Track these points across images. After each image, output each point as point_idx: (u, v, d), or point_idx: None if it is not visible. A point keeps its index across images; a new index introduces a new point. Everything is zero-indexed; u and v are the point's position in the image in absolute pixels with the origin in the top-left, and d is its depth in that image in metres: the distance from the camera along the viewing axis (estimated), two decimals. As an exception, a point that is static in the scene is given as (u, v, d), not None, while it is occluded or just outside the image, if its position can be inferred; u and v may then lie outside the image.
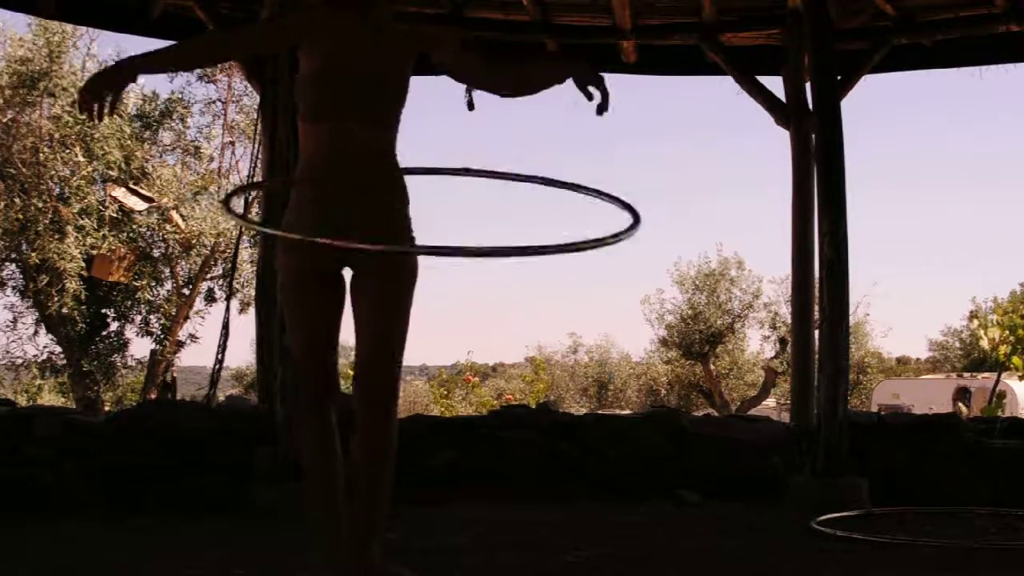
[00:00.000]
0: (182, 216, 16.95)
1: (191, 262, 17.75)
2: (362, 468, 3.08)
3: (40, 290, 16.53)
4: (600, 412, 12.70)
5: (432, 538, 4.53)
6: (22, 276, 17.06)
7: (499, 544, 4.53)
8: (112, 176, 16.88)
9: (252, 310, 7.14)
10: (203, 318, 18.31)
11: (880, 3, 6.98)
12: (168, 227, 17.00)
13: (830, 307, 5.72)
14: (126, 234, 16.91)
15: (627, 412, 15.61)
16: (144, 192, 16.58)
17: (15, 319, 17.52)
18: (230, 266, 15.78)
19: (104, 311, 17.75)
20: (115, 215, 16.75)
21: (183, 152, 18.18)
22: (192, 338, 18.10)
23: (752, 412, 18.47)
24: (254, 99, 12.30)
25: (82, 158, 16.48)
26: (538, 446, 6.18)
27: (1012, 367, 9.43)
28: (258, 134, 6.36)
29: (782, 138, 7.16)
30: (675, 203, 74.84)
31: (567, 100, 3.19)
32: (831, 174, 5.80)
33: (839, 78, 6.46)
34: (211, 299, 18.41)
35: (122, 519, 5.15)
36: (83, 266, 16.36)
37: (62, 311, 16.53)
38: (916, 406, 16.03)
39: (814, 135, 6.17)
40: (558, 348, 30.06)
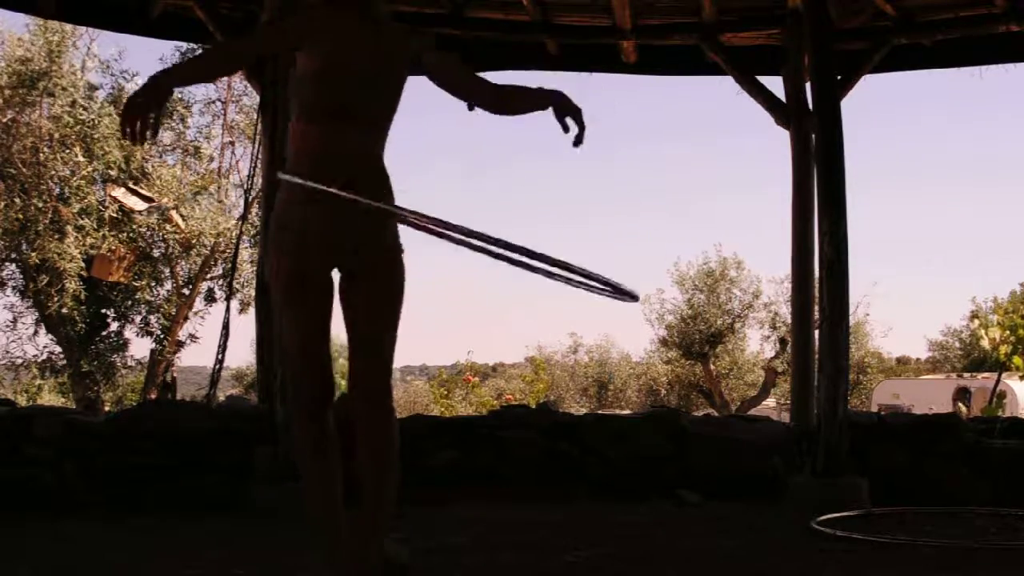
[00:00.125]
0: (182, 216, 16.95)
1: (191, 262, 17.75)
2: (368, 469, 3.09)
3: (40, 290, 16.53)
4: (600, 412, 12.70)
5: (432, 538, 4.53)
6: (22, 276, 17.06)
7: (499, 544, 4.53)
8: (112, 176, 16.87)
9: (252, 310, 7.13)
10: (203, 318, 18.35)
11: (880, 3, 6.98)
12: (168, 227, 17.00)
13: (830, 307, 5.72)
14: (126, 234, 16.91)
15: (627, 412, 15.61)
16: (144, 192, 16.57)
17: (15, 319, 17.55)
18: (230, 266, 15.80)
19: (104, 311, 17.75)
20: (115, 215, 16.75)
21: (183, 152, 18.18)
22: (192, 338, 18.14)
23: (752, 412, 18.47)
24: (254, 99, 12.31)
25: (82, 158, 16.48)
26: (538, 446, 6.18)
27: (1013, 367, 9.41)
28: (258, 134, 6.36)
29: (782, 138, 7.17)
30: (675, 203, 74.97)
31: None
32: (831, 174, 5.80)
33: (839, 78, 6.45)
34: (211, 299, 18.42)
35: (122, 519, 5.15)
36: (83, 266, 16.36)
37: (62, 311, 16.53)
38: (916, 406, 16.01)
39: (814, 135, 6.16)
40: (558, 348, 30.07)
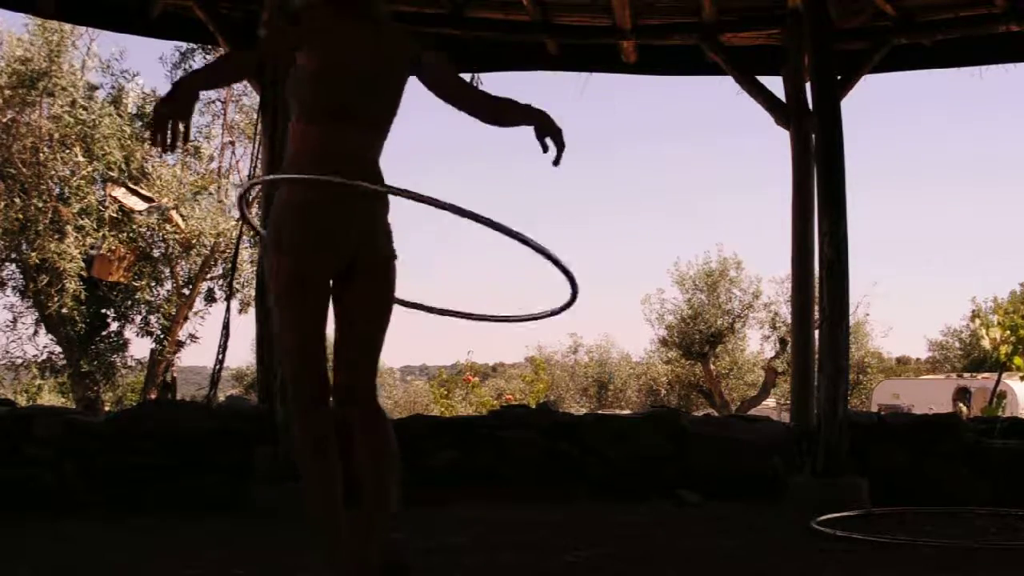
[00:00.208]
0: (182, 216, 16.94)
1: (191, 262, 17.74)
2: (368, 469, 3.09)
3: (40, 290, 16.52)
4: (600, 412, 12.69)
5: (432, 538, 4.53)
6: (22, 276, 17.05)
7: (499, 544, 4.54)
8: (112, 176, 16.87)
9: (252, 310, 7.13)
10: (203, 318, 18.33)
11: (880, 3, 6.98)
12: (168, 227, 16.99)
13: (830, 307, 5.72)
14: (126, 234, 16.90)
15: (627, 412, 15.60)
16: (144, 192, 16.56)
17: (15, 319, 17.54)
18: (230, 266, 15.80)
19: (104, 311, 17.73)
20: (115, 215, 16.74)
21: (183, 152, 18.16)
22: (192, 338, 18.12)
23: (752, 412, 18.47)
24: (254, 99, 12.31)
25: (82, 158, 16.47)
26: (538, 446, 6.18)
27: (1014, 367, 9.42)
28: (258, 134, 6.36)
29: (782, 138, 7.17)
30: (675, 203, 74.99)
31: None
32: (831, 174, 5.80)
33: (839, 78, 6.46)
34: (211, 299, 18.41)
35: (122, 519, 5.15)
36: (83, 266, 16.35)
37: (62, 311, 16.52)
38: (916, 406, 16.01)
39: (814, 135, 6.17)
40: (558, 348, 30.09)
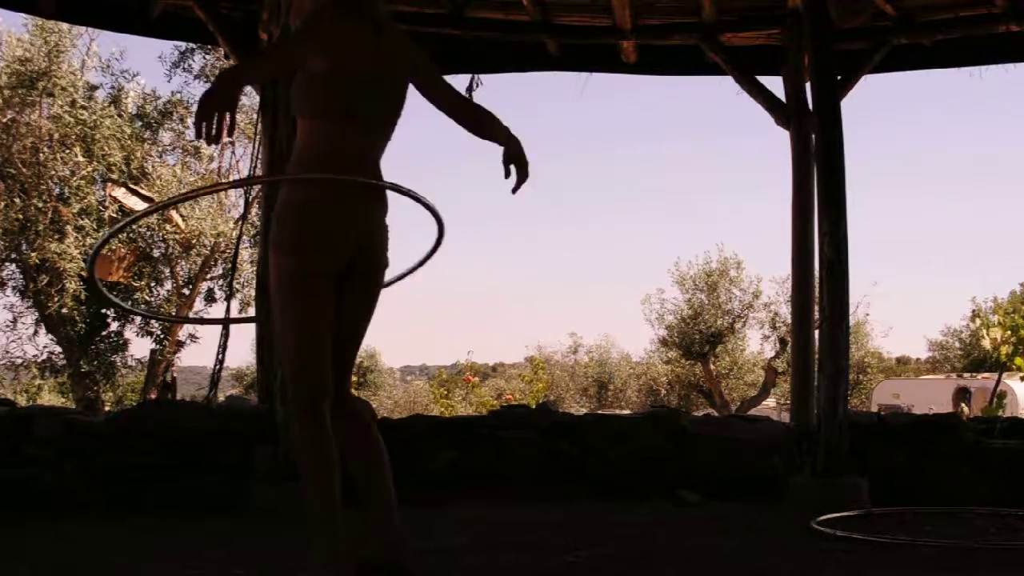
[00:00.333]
0: (182, 216, 16.94)
1: (191, 262, 17.74)
2: (371, 469, 3.13)
3: (40, 290, 16.53)
4: (600, 412, 12.69)
5: (432, 538, 4.53)
6: (22, 276, 17.06)
7: (499, 544, 4.53)
8: (112, 176, 16.87)
9: (252, 310, 7.13)
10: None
11: (880, 3, 6.98)
12: (168, 227, 16.99)
13: (830, 307, 5.72)
14: (126, 234, 16.89)
15: (627, 412, 15.60)
16: (144, 192, 16.56)
17: (15, 319, 17.55)
18: (230, 266, 15.80)
19: (104, 311, 17.73)
20: (115, 215, 16.74)
21: (183, 152, 18.18)
22: (192, 338, 18.12)
23: (752, 412, 18.47)
24: (254, 99, 12.30)
25: (82, 158, 16.47)
26: (538, 446, 6.18)
27: (1014, 367, 9.41)
28: (258, 134, 6.36)
29: (782, 138, 7.17)
30: (675, 203, 74.95)
31: None
32: (831, 174, 5.80)
33: (839, 78, 6.46)
34: (211, 299, 18.42)
35: (122, 519, 5.15)
36: (83, 266, 16.35)
37: (62, 311, 16.52)
38: (916, 406, 16.01)
39: (814, 135, 6.17)
40: (558, 348, 30.11)
